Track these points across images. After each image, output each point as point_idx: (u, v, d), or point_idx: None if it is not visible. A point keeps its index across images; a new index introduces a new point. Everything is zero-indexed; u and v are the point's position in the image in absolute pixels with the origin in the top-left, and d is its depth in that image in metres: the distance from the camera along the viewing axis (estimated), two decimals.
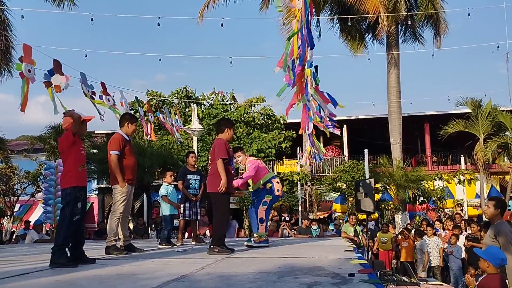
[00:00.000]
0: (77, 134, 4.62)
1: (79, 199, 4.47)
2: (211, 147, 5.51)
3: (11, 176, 17.25)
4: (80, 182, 4.52)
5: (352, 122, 24.20)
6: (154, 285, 3.08)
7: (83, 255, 4.58)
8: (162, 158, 15.28)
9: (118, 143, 5.48)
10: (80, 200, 4.48)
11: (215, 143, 5.47)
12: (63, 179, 4.57)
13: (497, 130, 19.25)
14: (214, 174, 5.27)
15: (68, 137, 4.57)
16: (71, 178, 4.48)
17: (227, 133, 5.56)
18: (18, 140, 26.21)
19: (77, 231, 4.53)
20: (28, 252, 6.80)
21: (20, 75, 6.66)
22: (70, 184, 4.46)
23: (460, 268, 9.79)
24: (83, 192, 4.55)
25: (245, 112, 20.73)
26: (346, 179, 17.89)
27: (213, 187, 5.25)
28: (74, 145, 4.57)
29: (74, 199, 4.43)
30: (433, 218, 15.59)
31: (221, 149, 5.30)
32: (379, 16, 16.78)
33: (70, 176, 4.49)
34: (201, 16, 17.80)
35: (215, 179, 5.23)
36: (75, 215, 4.41)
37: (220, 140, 5.46)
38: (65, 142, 4.59)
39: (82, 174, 4.57)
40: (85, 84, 8.19)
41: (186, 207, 7.57)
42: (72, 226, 4.40)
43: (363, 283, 2.93)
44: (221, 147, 5.33)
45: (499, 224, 4.94)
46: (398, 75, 19.36)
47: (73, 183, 4.46)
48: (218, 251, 5.10)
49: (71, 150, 4.57)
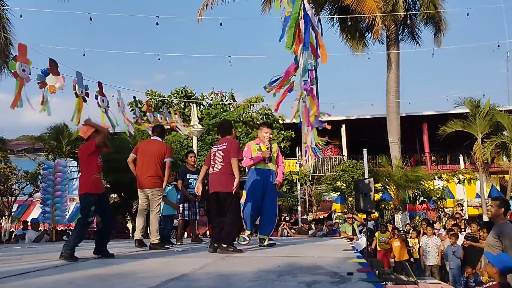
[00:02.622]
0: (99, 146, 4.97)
1: (92, 204, 4.84)
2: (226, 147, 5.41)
3: (10, 176, 17.20)
4: (93, 189, 4.87)
5: (351, 122, 24.23)
6: (153, 284, 3.08)
7: (104, 249, 4.96)
8: None
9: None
10: (94, 204, 4.85)
11: (231, 143, 5.44)
12: (79, 185, 4.96)
13: (495, 129, 19.29)
14: (230, 174, 5.28)
15: (91, 147, 4.92)
16: (85, 185, 4.87)
17: (234, 134, 5.73)
18: (19, 140, 26.17)
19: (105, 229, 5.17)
20: (27, 252, 6.80)
21: (14, 75, 6.61)
22: (85, 191, 4.86)
23: (459, 267, 9.81)
24: (96, 196, 4.89)
25: (244, 112, 20.74)
26: (345, 178, 17.93)
27: (227, 187, 5.26)
28: (93, 155, 4.92)
29: (87, 203, 4.84)
30: (433, 218, 15.62)
31: (238, 149, 5.39)
32: (376, 17, 16.84)
33: (85, 183, 4.88)
34: (200, 16, 17.81)
35: (229, 179, 5.26)
36: (89, 217, 4.87)
37: (236, 142, 5.56)
38: (86, 151, 4.94)
39: (96, 182, 4.91)
40: (80, 84, 7.99)
41: (186, 207, 7.57)
42: (85, 228, 4.91)
43: (362, 282, 2.93)
44: (238, 148, 5.42)
45: (502, 224, 4.90)
46: (397, 74, 19.40)
47: (86, 190, 4.85)
48: (233, 250, 5.11)
49: (91, 159, 4.92)
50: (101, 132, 5.00)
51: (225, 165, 5.32)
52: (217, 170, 5.39)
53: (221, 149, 5.44)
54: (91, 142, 4.91)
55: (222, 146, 5.46)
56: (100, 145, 4.98)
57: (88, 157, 4.89)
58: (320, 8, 19.50)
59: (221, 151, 5.42)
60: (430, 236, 10.87)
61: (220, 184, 5.34)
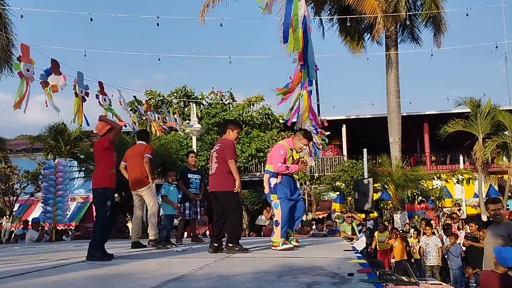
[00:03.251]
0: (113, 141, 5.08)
1: (109, 198, 4.95)
2: (219, 147, 5.42)
3: (11, 176, 17.21)
4: (110, 184, 4.98)
5: (351, 122, 24.21)
6: (153, 284, 3.08)
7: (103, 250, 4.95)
8: (161, 158, 15.25)
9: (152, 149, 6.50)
10: (110, 199, 4.96)
11: (224, 143, 5.43)
12: (95, 180, 5.01)
13: (496, 129, 19.27)
14: (224, 174, 5.26)
15: (105, 142, 5.03)
16: (103, 180, 4.94)
17: (229, 134, 5.53)
18: (17, 139, 26.18)
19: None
20: (27, 252, 6.79)
21: (19, 75, 6.68)
22: (103, 185, 4.93)
23: (460, 268, 9.81)
24: (111, 191, 5.01)
25: (243, 112, 20.72)
26: (345, 178, 17.92)
27: (225, 186, 5.25)
28: (108, 150, 5.02)
29: (104, 198, 4.92)
30: (432, 217, 15.61)
31: (231, 150, 5.33)
32: (377, 17, 16.80)
33: (103, 178, 4.95)
34: (202, 16, 17.78)
35: (227, 179, 5.24)
36: (107, 212, 4.91)
37: (229, 141, 5.46)
38: (101, 146, 5.04)
39: (112, 177, 5.02)
40: (80, 84, 8.05)
41: (186, 206, 7.57)
42: (107, 221, 4.94)
43: (362, 283, 2.92)
44: (231, 148, 5.36)
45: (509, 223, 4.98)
46: (397, 75, 19.36)
47: (104, 184, 4.93)
48: (239, 250, 5.11)
49: (105, 154, 5.00)
50: (115, 128, 5.10)
51: (220, 165, 5.31)
52: (213, 171, 5.41)
53: (215, 150, 5.48)
54: (105, 138, 5.03)
55: (217, 147, 5.49)
56: (114, 140, 5.11)
57: (102, 152, 4.99)
58: (320, 9, 19.47)
59: (215, 152, 5.45)
60: (430, 236, 10.85)
61: (213, 184, 5.38)
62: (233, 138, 5.55)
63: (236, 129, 5.58)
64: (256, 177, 20.74)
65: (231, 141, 5.50)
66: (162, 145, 16.95)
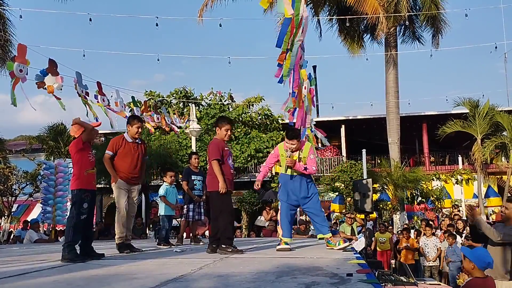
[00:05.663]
0: (86, 141, 5.04)
1: (85, 200, 4.87)
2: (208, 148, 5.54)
3: (9, 176, 17.20)
4: (85, 185, 4.91)
5: (350, 122, 24.21)
6: (151, 285, 3.08)
7: (92, 250, 4.99)
8: (160, 158, 15.26)
9: (112, 144, 5.89)
10: (86, 201, 4.89)
11: (209, 144, 5.50)
12: (71, 181, 4.99)
13: (494, 130, 19.27)
14: (212, 174, 5.29)
15: (78, 144, 4.99)
16: (77, 181, 4.90)
17: (218, 132, 5.48)
18: (16, 140, 26.18)
19: (86, 229, 4.96)
20: (26, 252, 6.78)
21: (10, 75, 6.68)
22: (77, 187, 4.89)
23: (458, 269, 9.80)
24: (89, 194, 4.94)
25: (243, 112, 20.71)
26: (344, 179, 17.91)
27: (213, 186, 5.27)
28: (82, 151, 4.98)
29: (79, 200, 4.85)
30: (431, 218, 15.62)
31: (213, 150, 5.29)
32: (378, 17, 16.78)
33: (76, 179, 4.91)
34: (200, 17, 17.76)
35: (213, 179, 5.25)
36: (82, 214, 4.83)
37: (213, 141, 5.48)
38: (75, 148, 5.00)
39: (87, 178, 4.95)
40: (80, 84, 8.11)
41: (190, 208, 7.56)
42: (80, 224, 4.81)
43: (361, 283, 2.93)
44: (213, 147, 5.32)
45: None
46: (396, 75, 19.35)
47: (80, 186, 4.88)
48: (232, 251, 5.09)
49: (80, 155, 4.97)
50: (86, 128, 5.04)
51: (210, 165, 5.35)
52: (207, 171, 5.49)
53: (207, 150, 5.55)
54: (78, 139, 5.02)
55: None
56: (89, 140, 5.10)
57: (77, 153, 4.96)
58: (320, 9, 19.46)
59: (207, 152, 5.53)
60: (429, 236, 10.86)
61: (208, 185, 5.44)
62: (222, 135, 5.44)
63: (224, 126, 5.43)
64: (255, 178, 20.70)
65: (216, 140, 5.46)
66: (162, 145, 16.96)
